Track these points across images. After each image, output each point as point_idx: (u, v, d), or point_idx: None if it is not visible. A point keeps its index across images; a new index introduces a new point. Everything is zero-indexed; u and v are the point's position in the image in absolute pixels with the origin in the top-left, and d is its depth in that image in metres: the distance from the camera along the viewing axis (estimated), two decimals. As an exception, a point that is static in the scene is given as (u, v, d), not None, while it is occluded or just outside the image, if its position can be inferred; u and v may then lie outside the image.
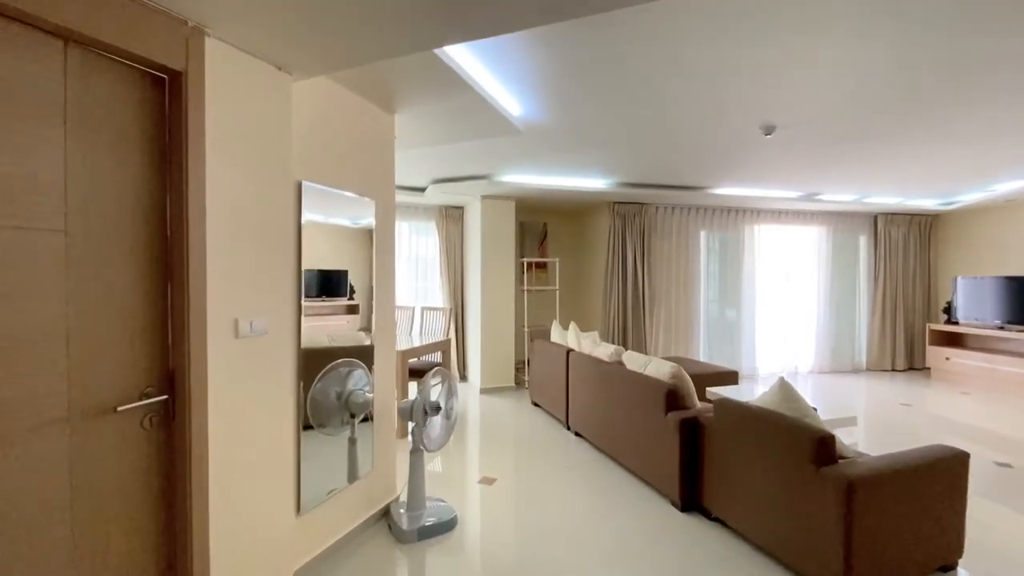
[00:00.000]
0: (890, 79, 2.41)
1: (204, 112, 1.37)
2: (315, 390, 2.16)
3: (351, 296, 2.39)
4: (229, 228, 1.45)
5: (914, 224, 6.54)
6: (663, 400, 2.66)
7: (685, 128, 3.13)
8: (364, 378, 2.43)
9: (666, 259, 5.74)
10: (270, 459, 1.62)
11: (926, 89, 2.53)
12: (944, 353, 5.85)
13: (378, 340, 2.48)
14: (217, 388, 1.42)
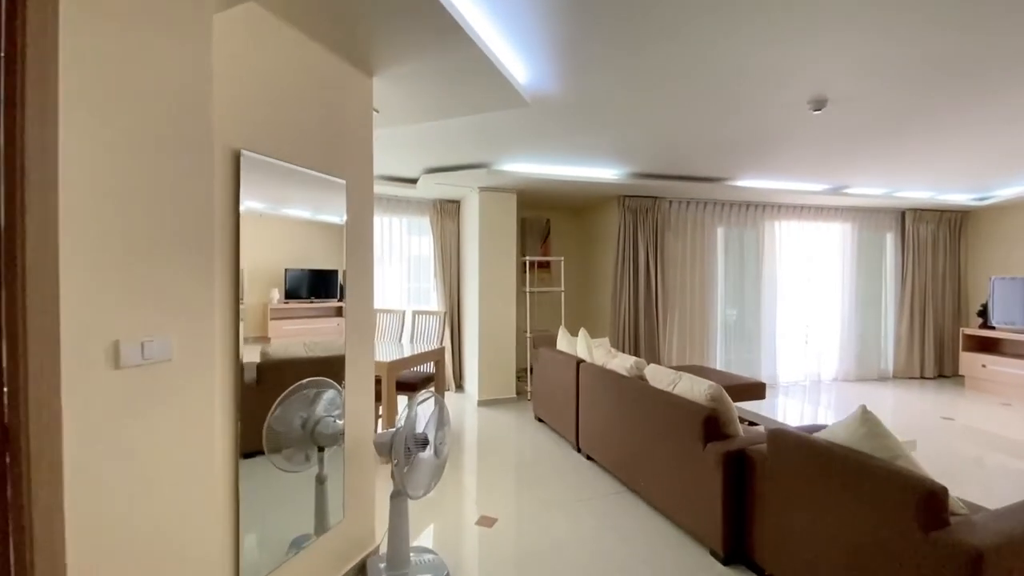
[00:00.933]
0: (943, 53, 1.96)
1: (57, 38, 0.90)
2: (273, 419, 1.69)
3: (341, 297, 1.96)
4: (106, 213, 0.98)
5: (944, 221, 6.09)
6: (700, 428, 2.19)
7: (719, 102, 2.66)
8: (337, 400, 1.97)
9: (681, 258, 5.28)
10: (189, 521, 1.14)
11: (977, 66, 2.08)
12: (979, 360, 5.41)
13: (352, 352, 2.01)
14: (86, 440, 0.94)
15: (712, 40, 1.98)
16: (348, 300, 1.99)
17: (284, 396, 1.75)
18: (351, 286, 2.00)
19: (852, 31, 1.93)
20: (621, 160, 3.91)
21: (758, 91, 2.50)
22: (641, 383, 2.73)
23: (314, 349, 1.90)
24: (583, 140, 3.35)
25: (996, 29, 1.92)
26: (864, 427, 1.68)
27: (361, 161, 2.01)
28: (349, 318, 1.99)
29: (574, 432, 3.40)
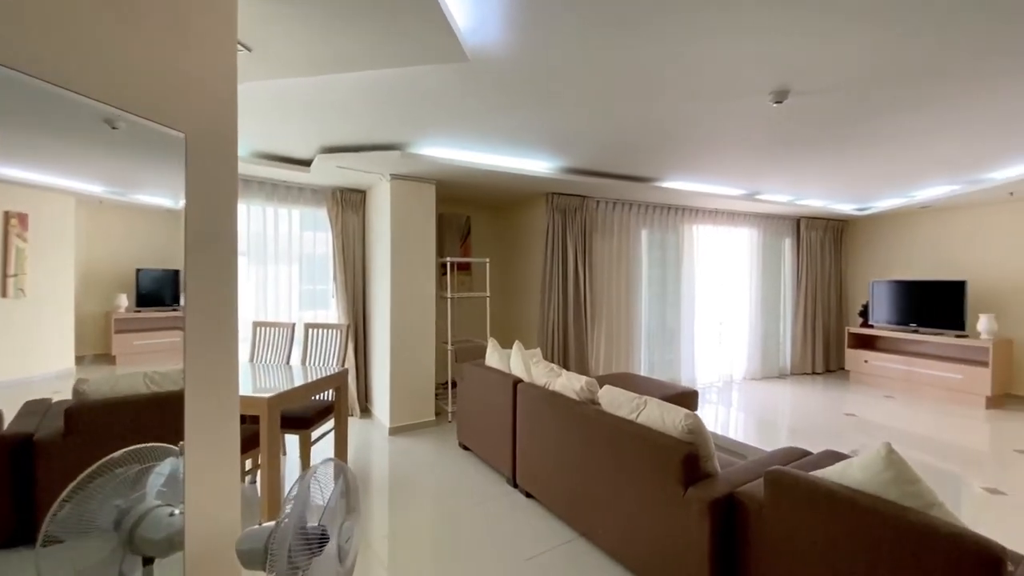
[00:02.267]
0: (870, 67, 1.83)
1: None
2: (57, 522, 0.95)
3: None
4: None
5: (830, 228, 6.66)
6: (679, 468, 1.80)
7: (675, 85, 2.33)
8: (178, 476, 1.23)
9: (608, 261, 5.05)
10: None
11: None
12: (862, 356, 5.94)
13: (197, 393, 1.27)
14: None
15: (672, 35, 1.60)
16: (189, 316, 1.25)
17: (80, 481, 1.00)
18: (195, 295, 1.27)
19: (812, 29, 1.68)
20: (555, 151, 3.49)
21: (712, 79, 2.20)
22: (595, 409, 2.30)
23: (161, 382, 1.17)
24: (519, 120, 2.85)
25: (926, 42, 1.79)
26: (890, 471, 1.38)
27: (215, 107, 1.28)
28: (191, 341, 1.25)
29: (510, 464, 2.89)
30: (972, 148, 3.36)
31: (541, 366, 2.81)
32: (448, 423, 4.12)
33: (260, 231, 4.07)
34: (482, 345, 4.26)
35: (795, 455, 2.12)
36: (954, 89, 2.36)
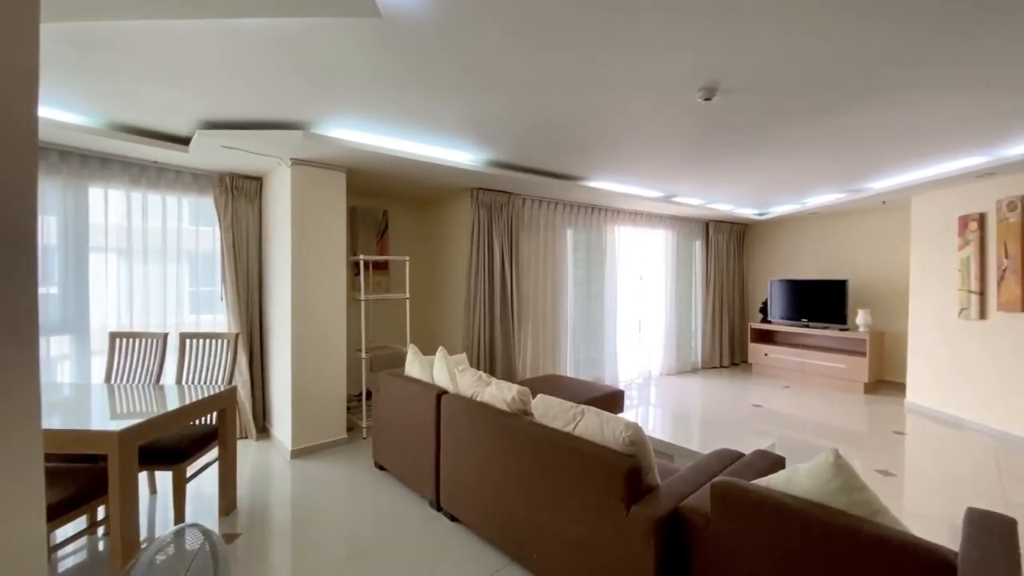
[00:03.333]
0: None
1: None
2: None
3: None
4: None
5: (733, 231, 7.15)
6: (621, 485, 1.65)
7: (605, 76, 2.20)
8: None
9: (535, 260, 4.92)
10: None
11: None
12: (763, 349, 6.43)
13: None
14: None
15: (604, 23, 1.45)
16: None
17: None
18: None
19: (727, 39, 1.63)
20: (480, 141, 3.25)
21: (643, 66, 2.11)
22: (528, 422, 2.09)
23: None
24: (441, 102, 2.57)
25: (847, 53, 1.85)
26: (838, 479, 1.32)
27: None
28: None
29: (433, 484, 2.60)
30: (855, 159, 3.67)
31: (468, 375, 2.55)
32: (363, 440, 3.70)
33: (124, 222, 3.36)
34: (401, 352, 3.90)
35: (729, 458, 2.08)
36: (844, 99, 2.49)
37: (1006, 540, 1.39)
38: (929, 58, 2.02)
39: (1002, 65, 2.08)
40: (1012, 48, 1.93)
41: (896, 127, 2.90)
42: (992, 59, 2.03)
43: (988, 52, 1.97)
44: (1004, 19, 1.73)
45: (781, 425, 4.25)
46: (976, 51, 1.96)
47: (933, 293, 4.57)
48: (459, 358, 3.17)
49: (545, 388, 3.63)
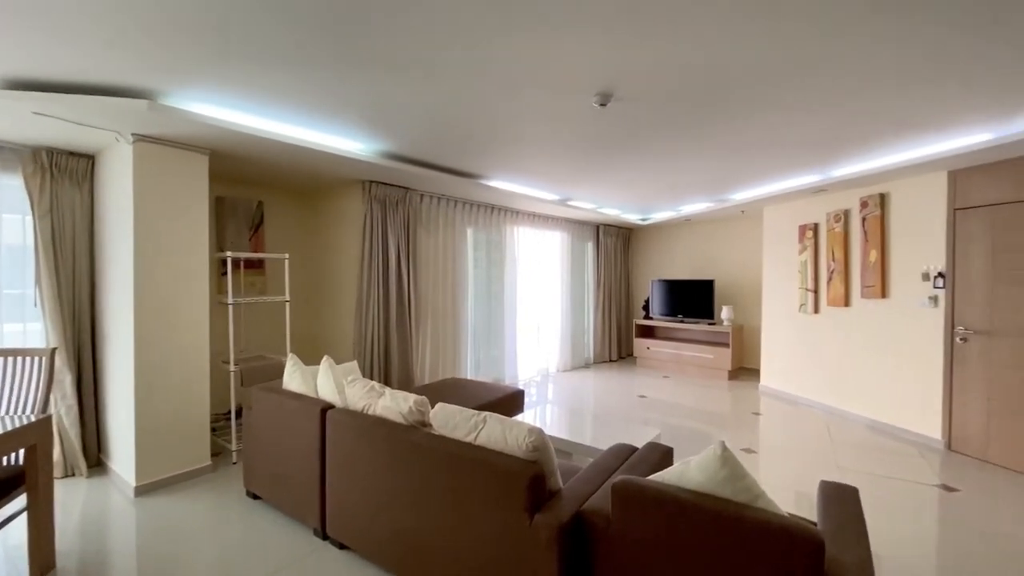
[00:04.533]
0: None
1: None
2: None
3: None
4: None
5: (620, 235, 7.67)
6: (524, 494, 1.59)
7: (503, 72, 2.15)
8: None
9: (434, 258, 4.74)
10: None
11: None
12: (645, 344, 6.98)
13: None
14: None
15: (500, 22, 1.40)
16: None
17: None
18: None
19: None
20: (373, 130, 3.01)
21: (535, 78, 2.10)
22: (427, 434, 1.95)
23: None
24: (326, 78, 2.30)
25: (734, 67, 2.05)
26: (725, 469, 1.40)
27: None
28: None
29: (317, 510, 2.32)
30: (723, 171, 4.12)
31: (358, 386, 2.32)
32: (232, 466, 3.21)
33: None
34: (280, 363, 3.47)
35: (625, 453, 2.14)
36: (720, 114, 2.74)
37: (852, 507, 1.59)
38: (785, 81, 2.29)
39: (837, 92, 2.44)
40: (847, 83, 2.26)
41: (757, 144, 3.28)
42: (829, 89, 2.36)
43: (828, 83, 2.29)
44: (843, 53, 2.01)
45: (664, 413, 4.62)
46: (819, 81, 2.27)
47: (780, 291, 5.32)
48: (348, 367, 2.89)
49: (445, 393, 3.49)
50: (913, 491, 2.93)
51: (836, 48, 1.94)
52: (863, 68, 2.11)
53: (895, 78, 2.21)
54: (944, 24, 1.76)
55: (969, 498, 2.84)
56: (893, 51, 1.96)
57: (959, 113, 2.64)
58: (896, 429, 3.97)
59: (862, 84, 2.28)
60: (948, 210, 3.66)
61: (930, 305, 3.76)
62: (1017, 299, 3.23)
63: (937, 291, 3.71)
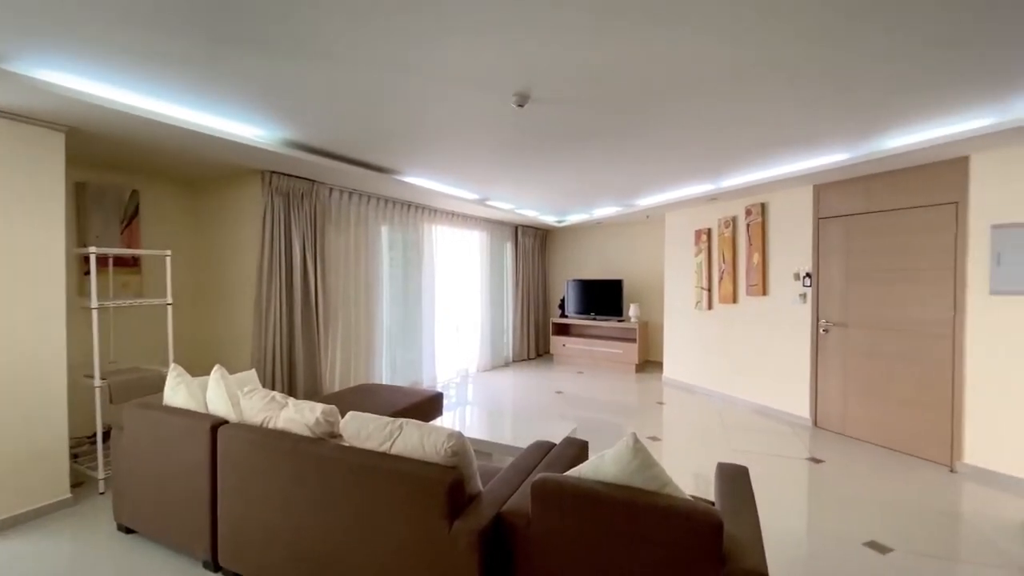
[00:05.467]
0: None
1: None
2: None
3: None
4: None
5: (538, 236, 7.85)
6: (444, 501, 1.54)
7: (419, 67, 2.08)
8: None
9: (345, 257, 4.47)
10: None
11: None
12: (561, 341, 7.22)
13: None
14: None
15: None
16: None
17: None
18: None
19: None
20: (274, 115, 2.75)
21: (451, 75, 2.07)
22: (336, 446, 1.81)
23: None
24: (218, 58, 2.05)
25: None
26: (636, 460, 1.46)
27: None
28: None
29: (208, 539, 2.06)
30: (631, 176, 4.37)
31: (257, 397, 2.10)
32: (99, 497, 2.75)
33: None
34: (160, 375, 3.04)
35: (544, 450, 2.17)
36: (631, 123, 2.91)
37: (744, 485, 1.75)
38: (683, 99, 2.47)
39: (726, 112, 2.69)
40: (736, 109, 2.50)
41: (660, 154, 3.52)
42: (719, 109, 2.60)
43: (717, 103, 2.51)
44: (732, 76, 2.21)
45: (580, 407, 4.79)
46: (710, 101, 2.48)
47: (680, 290, 5.79)
48: (245, 377, 2.62)
49: (358, 401, 3.30)
50: (789, 465, 3.33)
51: (725, 71, 2.13)
52: (749, 92, 2.34)
53: (774, 103, 2.48)
54: (819, 74, 2.00)
55: (832, 468, 3.29)
56: (772, 82, 2.20)
57: (823, 136, 3.04)
58: (776, 411, 4.50)
59: (749, 106, 2.53)
60: (814, 219, 4.22)
61: (800, 302, 4.31)
62: (866, 295, 3.82)
63: (806, 289, 4.26)
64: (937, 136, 2.94)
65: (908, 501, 2.78)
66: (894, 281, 3.62)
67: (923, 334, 3.44)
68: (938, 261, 3.35)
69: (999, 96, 2.38)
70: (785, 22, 1.75)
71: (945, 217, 3.32)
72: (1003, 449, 3.00)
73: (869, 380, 3.78)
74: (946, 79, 2.20)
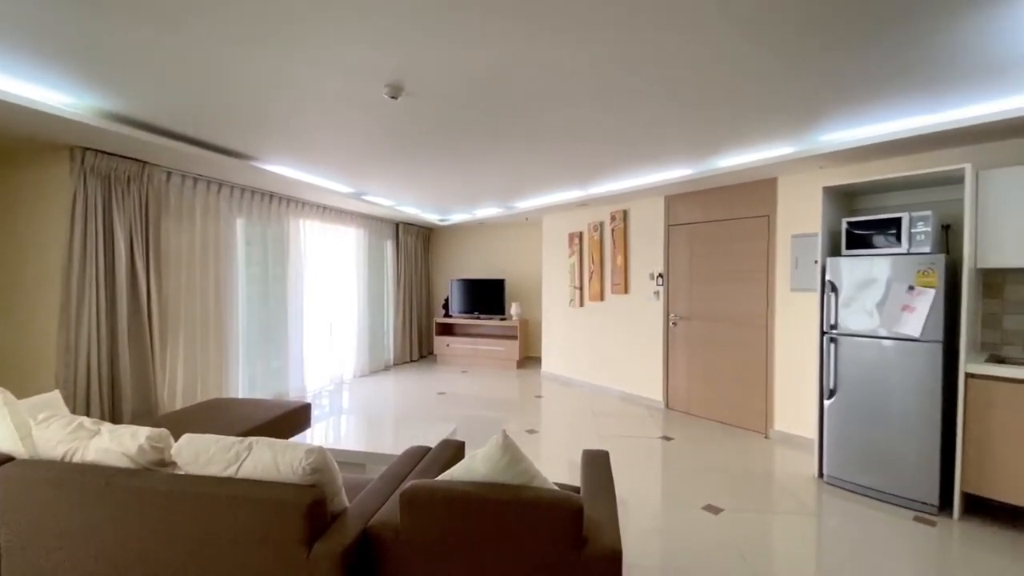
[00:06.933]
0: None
1: None
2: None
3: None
4: None
5: (421, 234, 7.67)
6: (302, 523, 1.40)
7: (280, 42, 1.88)
8: None
9: (188, 254, 3.86)
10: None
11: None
12: (445, 341, 7.17)
13: None
14: None
15: None
16: None
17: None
18: None
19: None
20: (89, 77, 2.25)
21: (319, 58, 1.92)
22: (166, 475, 1.54)
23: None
24: None
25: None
26: (506, 456, 1.49)
27: None
28: None
29: (-19, 613, 1.60)
30: (510, 179, 4.51)
31: (57, 425, 1.69)
32: None
33: None
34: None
35: (418, 455, 2.11)
36: (505, 127, 3.00)
37: (604, 469, 1.90)
38: (552, 108, 2.61)
39: (594, 124, 2.90)
40: (598, 122, 2.71)
41: (535, 159, 3.67)
42: (587, 120, 2.80)
43: (586, 114, 2.70)
44: (592, 91, 2.38)
45: (462, 407, 4.80)
46: (579, 112, 2.66)
47: (556, 288, 6.13)
48: (43, 401, 2.11)
49: (204, 420, 2.88)
50: (646, 444, 3.72)
51: (586, 89, 2.29)
52: (608, 108, 2.56)
53: (629, 121, 2.75)
54: (666, 97, 2.26)
55: (680, 443, 3.76)
56: (626, 102, 2.43)
57: (669, 153, 3.45)
58: (637, 397, 5.01)
59: (608, 120, 2.76)
60: (665, 226, 4.78)
61: (655, 299, 4.85)
62: (705, 293, 4.43)
63: (659, 288, 4.82)
64: (755, 160, 3.53)
65: (734, 466, 3.29)
66: (725, 280, 4.27)
67: (746, 324, 4.11)
68: (756, 264, 4.03)
69: (798, 130, 2.94)
70: (633, 49, 1.94)
71: (760, 228, 4.01)
72: (799, 415, 3.72)
73: (706, 365, 4.41)
74: (757, 116, 2.65)
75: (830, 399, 3.02)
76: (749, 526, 2.50)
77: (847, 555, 2.25)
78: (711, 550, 2.28)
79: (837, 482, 2.98)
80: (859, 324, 2.90)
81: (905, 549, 2.29)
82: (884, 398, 2.78)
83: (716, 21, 1.75)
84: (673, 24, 1.77)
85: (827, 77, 2.19)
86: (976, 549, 2.28)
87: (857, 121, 2.75)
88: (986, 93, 2.34)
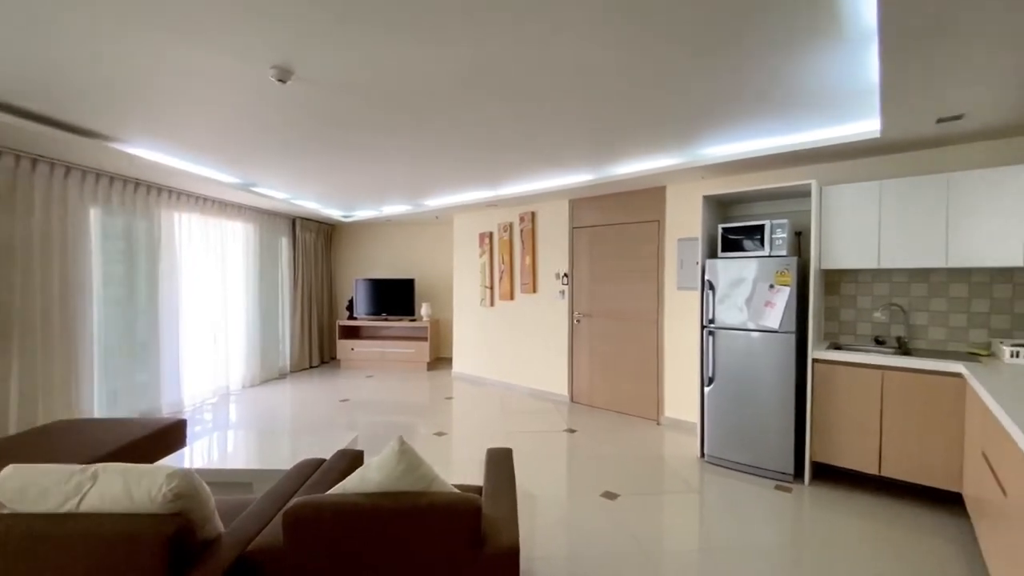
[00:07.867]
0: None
1: None
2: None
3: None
4: None
5: (321, 231, 7.19)
6: (158, 557, 1.22)
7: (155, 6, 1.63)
8: None
9: (24, 251, 3.22)
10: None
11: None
12: (350, 344, 6.80)
13: None
14: None
15: None
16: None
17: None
18: None
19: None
20: None
21: (195, 34, 1.71)
22: None
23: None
24: None
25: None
26: (402, 463, 1.43)
27: None
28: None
29: None
30: (417, 177, 4.39)
31: None
32: None
33: None
34: None
35: (309, 468, 1.97)
36: (407, 124, 2.91)
37: (506, 466, 1.91)
38: (459, 103, 2.58)
39: (499, 123, 2.92)
40: (495, 115, 2.73)
41: (441, 155, 3.62)
42: (493, 118, 2.81)
43: (493, 112, 2.71)
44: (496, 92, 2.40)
45: (366, 413, 4.58)
46: (483, 111, 2.66)
47: (467, 288, 6.10)
48: None
49: (41, 448, 2.42)
50: (552, 437, 3.85)
51: (482, 91, 2.31)
52: (509, 112, 2.60)
53: (532, 121, 2.81)
54: (578, 106, 2.34)
55: (583, 435, 3.94)
56: (535, 110, 2.48)
57: (571, 159, 3.61)
58: (544, 392, 5.16)
59: (511, 121, 2.80)
60: (570, 228, 4.99)
61: (560, 297, 5.04)
62: (604, 291, 4.70)
63: (564, 287, 5.01)
64: (647, 168, 3.82)
65: (629, 454, 3.53)
66: (622, 280, 4.56)
67: (640, 320, 4.43)
68: (648, 264, 4.36)
69: (683, 143, 3.22)
70: (528, 51, 1.98)
71: (652, 231, 4.34)
72: (685, 402, 4.09)
73: (606, 359, 4.68)
74: (647, 127, 2.86)
75: (709, 386, 3.35)
76: (641, 508, 2.69)
77: (721, 525, 2.51)
78: (608, 535, 2.41)
79: (716, 460, 3.32)
80: (732, 318, 3.26)
81: (768, 514, 2.62)
82: (752, 384, 3.16)
83: (601, 28, 1.85)
84: (561, 27, 1.84)
85: (701, 96, 2.43)
86: (823, 509, 2.68)
87: (728, 138, 3.10)
88: (824, 120, 2.75)
